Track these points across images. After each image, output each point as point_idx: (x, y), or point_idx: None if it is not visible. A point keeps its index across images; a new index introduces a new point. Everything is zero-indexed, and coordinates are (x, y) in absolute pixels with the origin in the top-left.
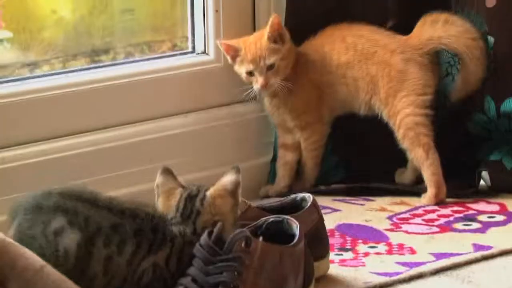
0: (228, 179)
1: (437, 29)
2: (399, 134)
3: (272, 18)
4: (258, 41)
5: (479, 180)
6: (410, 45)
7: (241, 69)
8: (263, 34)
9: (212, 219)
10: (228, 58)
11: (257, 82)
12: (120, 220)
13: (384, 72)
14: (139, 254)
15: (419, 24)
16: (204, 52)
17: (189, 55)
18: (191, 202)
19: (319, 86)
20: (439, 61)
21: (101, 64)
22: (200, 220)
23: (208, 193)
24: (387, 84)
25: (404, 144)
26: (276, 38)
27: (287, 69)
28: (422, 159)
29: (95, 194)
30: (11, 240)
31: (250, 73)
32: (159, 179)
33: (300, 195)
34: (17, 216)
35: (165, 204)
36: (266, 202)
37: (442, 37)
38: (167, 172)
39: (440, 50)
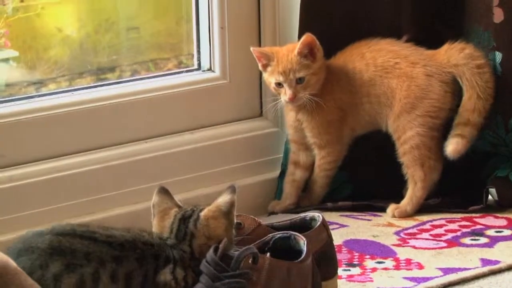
0: (222, 199)
1: (467, 64)
2: (402, 149)
3: (305, 36)
4: (289, 54)
5: (487, 197)
6: (436, 60)
7: (271, 79)
8: (295, 48)
9: (207, 243)
10: (259, 65)
11: (285, 94)
12: (121, 253)
13: (404, 85)
14: (149, 281)
15: (448, 46)
16: (210, 69)
17: (195, 72)
18: (185, 223)
19: (343, 107)
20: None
21: (107, 82)
22: (195, 243)
23: (202, 214)
24: (404, 98)
25: (404, 159)
26: (306, 55)
27: (317, 85)
28: (419, 179)
29: (89, 229)
30: (21, 270)
31: (279, 84)
32: (155, 198)
33: (310, 214)
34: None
35: (159, 224)
36: (276, 221)
37: (465, 74)
38: (164, 191)
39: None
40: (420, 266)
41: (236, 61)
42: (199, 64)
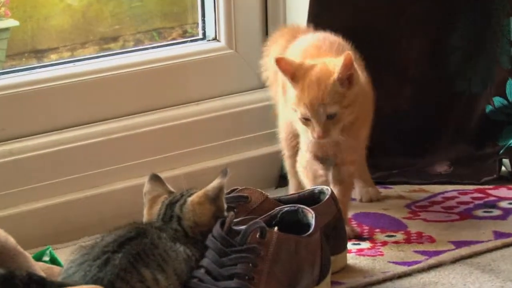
0: (211, 184)
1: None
2: None
3: (345, 55)
4: (322, 79)
5: (500, 167)
6: None
7: (297, 109)
8: (330, 71)
9: (197, 228)
10: (287, 77)
11: (314, 131)
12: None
13: None
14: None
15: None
16: (215, 38)
17: (200, 42)
18: (171, 208)
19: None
20: None
21: (110, 52)
22: (185, 224)
23: (189, 199)
24: None
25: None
26: (344, 81)
27: (350, 116)
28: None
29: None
30: (22, 250)
31: (306, 119)
32: (146, 186)
33: (318, 187)
34: None
35: (148, 213)
36: (284, 195)
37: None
38: (155, 178)
39: None
40: (432, 240)
41: (242, 30)
42: (204, 34)
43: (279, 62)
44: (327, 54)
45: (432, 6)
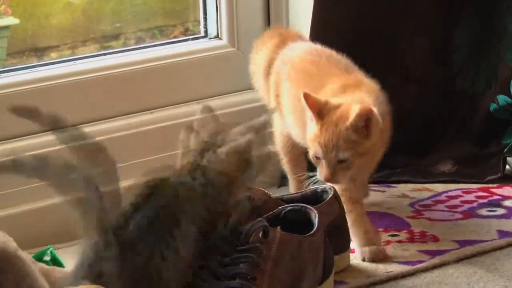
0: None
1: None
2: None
3: (360, 108)
4: (339, 122)
5: (504, 166)
6: None
7: (311, 146)
8: (348, 117)
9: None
10: (314, 115)
11: (322, 172)
12: None
13: None
14: None
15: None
16: (217, 36)
17: (202, 40)
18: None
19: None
20: None
21: (111, 51)
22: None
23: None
24: None
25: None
26: (360, 128)
27: (361, 164)
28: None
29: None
30: (20, 255)
31: (317, 158)
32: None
33: (321, 186)
34: None
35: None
36: (286, 194)
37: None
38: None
39: None
40: (435, 239)
41: (244, 28)
42: (205, 32)
43: (307, 98)
44: (329, 71)
45: (433, 5)
